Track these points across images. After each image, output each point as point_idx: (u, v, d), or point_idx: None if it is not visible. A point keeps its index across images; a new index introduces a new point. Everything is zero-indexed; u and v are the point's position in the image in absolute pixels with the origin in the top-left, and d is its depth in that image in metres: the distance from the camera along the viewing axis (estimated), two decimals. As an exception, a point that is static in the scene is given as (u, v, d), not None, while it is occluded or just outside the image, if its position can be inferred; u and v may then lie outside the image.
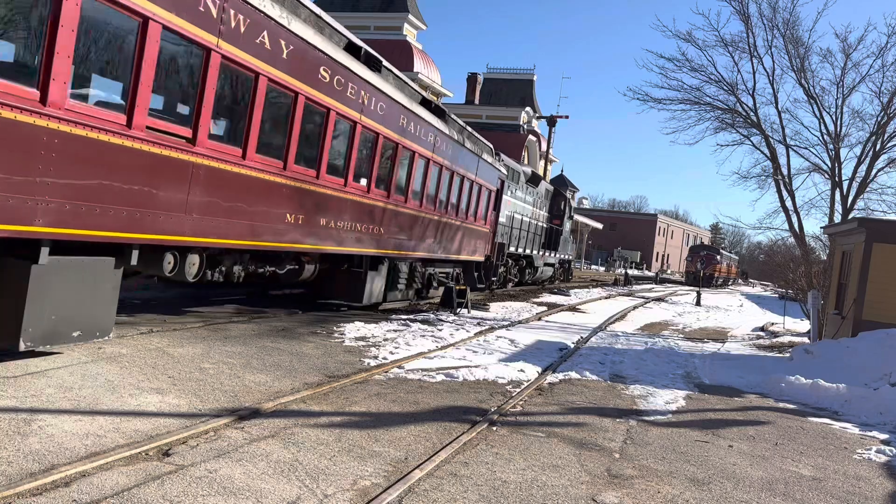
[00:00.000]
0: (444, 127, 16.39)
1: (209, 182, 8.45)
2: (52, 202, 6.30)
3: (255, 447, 5.50)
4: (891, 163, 22.90)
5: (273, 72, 9.24)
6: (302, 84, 10.04)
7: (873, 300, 15.79)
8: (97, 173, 6.77)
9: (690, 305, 35.81)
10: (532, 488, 5.46)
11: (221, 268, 9.91)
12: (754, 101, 23.19)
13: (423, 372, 9.33)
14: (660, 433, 7.82)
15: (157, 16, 7.07)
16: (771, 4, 22.67)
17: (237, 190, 9.09)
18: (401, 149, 14.01)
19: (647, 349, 15.27)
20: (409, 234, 15.40)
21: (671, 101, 23.99)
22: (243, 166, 9.09)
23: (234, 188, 9.04)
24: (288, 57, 9.50)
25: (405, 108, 13.89)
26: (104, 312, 7.30)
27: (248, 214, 9.38)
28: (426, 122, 15.18)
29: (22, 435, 5.02)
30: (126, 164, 7.09)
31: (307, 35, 9.86)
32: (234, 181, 8.99)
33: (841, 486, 6.71)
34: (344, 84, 11.28)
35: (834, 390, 11.14)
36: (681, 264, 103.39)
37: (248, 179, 9.27)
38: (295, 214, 10.64)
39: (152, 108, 7.45)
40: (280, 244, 10.45)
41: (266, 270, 11.20)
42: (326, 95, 10.76)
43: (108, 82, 7.35)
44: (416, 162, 15.04)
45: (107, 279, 7.31)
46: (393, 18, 45.62)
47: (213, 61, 8.09)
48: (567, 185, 51.99)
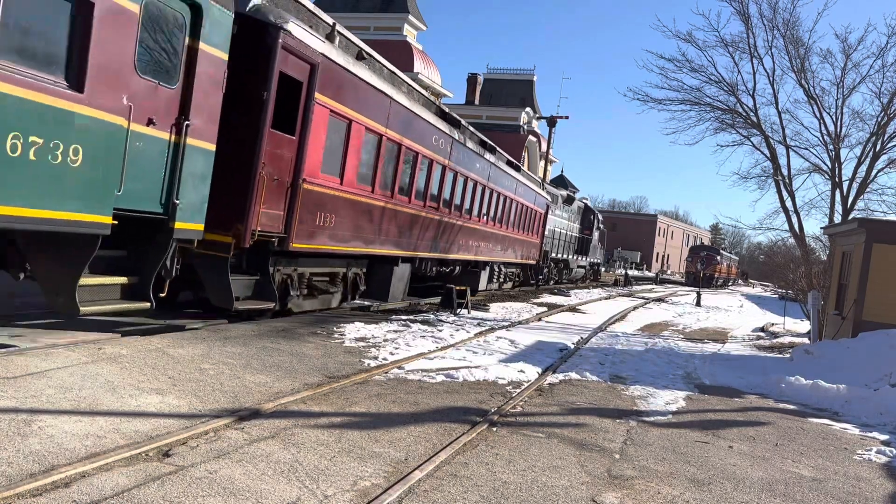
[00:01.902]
0: (518, 175, 24.95)
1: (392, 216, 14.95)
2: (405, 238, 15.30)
3: (255, 448, 5.50)
4: (891, 163, 22.94)
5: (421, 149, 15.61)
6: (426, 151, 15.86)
7: (873, 300, 15.79)
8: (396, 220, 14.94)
9: (690, 306, 35.81)
10: (532, 489, 5.46)
11: (433, 269, 18.43)
12: (754, 102, 23.23)
13: (424, 372, 9.33)
14: (660, 434, 7.82)
15: (357, 119, 12.15)
16: (771, 5, 22.72)
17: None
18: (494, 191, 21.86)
19: (648, 350, 15.27)
20: (499, 245, 23.62)
21: (671, 102, 24.06)
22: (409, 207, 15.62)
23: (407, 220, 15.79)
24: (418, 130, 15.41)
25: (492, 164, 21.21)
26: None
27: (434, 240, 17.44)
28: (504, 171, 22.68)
29: (22, 435, 5.02)
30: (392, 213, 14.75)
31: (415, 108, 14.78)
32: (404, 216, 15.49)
33: (841, 486, 6.71)
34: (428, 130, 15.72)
35: (834, 391, 11.14)
36: (681, 265, 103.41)
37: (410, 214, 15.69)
38: (466, 240, 19.68)
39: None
40: (448, 255, 18.45)
41: (442, 270, 19.26)
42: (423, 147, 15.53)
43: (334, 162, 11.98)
44: (501, 199, 22.95)
45: (406, 273, 16.15)
46: (393, 19, 45.67)
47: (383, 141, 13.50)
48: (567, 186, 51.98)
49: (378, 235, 13.71)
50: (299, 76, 10.10)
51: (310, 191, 10.87)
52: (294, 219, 10.56)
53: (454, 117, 17.95)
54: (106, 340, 8.40)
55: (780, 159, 23.40)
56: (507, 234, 24.52)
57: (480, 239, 21.16)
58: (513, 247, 25.72)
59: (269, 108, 9.50)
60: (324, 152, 11.19)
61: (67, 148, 6.53)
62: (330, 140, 11.31)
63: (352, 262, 13.83)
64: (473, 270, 22.08)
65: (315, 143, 10.75)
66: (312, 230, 11.24)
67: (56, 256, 7.18)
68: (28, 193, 6.21)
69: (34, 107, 6.09)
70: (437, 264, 18.36)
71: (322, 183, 11.31)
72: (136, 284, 8.03)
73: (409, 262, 15.91)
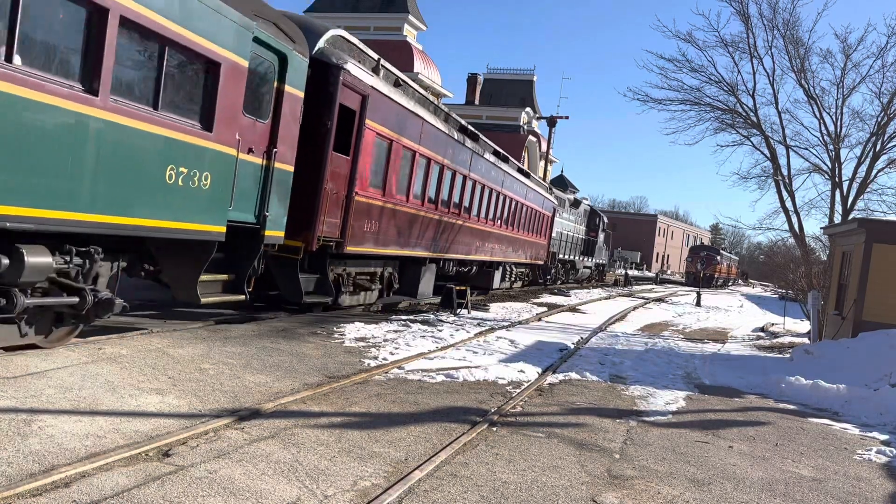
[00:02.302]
0: (527, 181, 26.64)
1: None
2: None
3: (255, 448, 5.50)
4: (891, 163, 22.94)
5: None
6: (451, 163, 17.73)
7: (873, 301, 15.79)
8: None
9: (690, 306, 35.82)
10: (532, 489, 5.46)
11: (454, 269, 20.14)
12: (754, 102, 23.23)
13: (424, 372, 9.33)
14: (660, 434, 7.82)
15: (396, 139, 13.74)
16: (771, 5, 22.72)
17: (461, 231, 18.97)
18: (501, 195, 22.86)
19: (648, 350, 15.27)
20: (510, 247, 25.13)
21: (671, 102, 24.06)
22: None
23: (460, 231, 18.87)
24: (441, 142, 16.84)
25: (506, 172, 23.00)
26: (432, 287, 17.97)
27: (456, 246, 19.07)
28: (514, 177, 24.24)
29: (22, 435, 5.02)
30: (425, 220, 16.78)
31: (441, 125, 16.45)
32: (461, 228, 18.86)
33: (841, 486, 6.71)
34: (451, 145, 17.28)
35: (834, 391, 11.14)
36: (681, 265, 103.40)
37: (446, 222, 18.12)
38: (482, 243, 21.56)
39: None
40: (468, 256, 20.31)
41: (463, 270, 21.17)
42: (448, 160, 17.15)
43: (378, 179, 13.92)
44: (511, 203, 24.31)
45: (433, 273, 17.85)
46: (393, 19, 45.65)
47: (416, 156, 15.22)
48: (567, 186, 52.03)
49: (410, 239, 15.52)
50: (354, 106, 11.90)
51: (360, 202, 12.62)
52: (348, 226, 12.31)
53: (473, 131, 19.61)
54: (105, 340, 8.40)
55: (780, 159, 23.42)
56: (518, 237, 26.18)
57: (495, 241, 22.96)
58: (523, 248, 27.37)
59: (332, 135, 11.29)
60: (370, 168, 12.98)
61: (201, 174, 8.42)
62: (375, 158, 13.13)
63: (387, 263, 15.51)
64: (488, 270, 24.09)
65: (364, 160, 12.52)
66: (361, 235, 12.99)
67: (183, 259, 8.84)
68: (176, 210, 8.10)
69: (183, 145, 8.02)
70: (457, 265, 20.31)
71: (369, 195, 13.08)
72: (234, 281, 9.77)
73: (434, 263, 17.81)
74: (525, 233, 27.24)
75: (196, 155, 8.27)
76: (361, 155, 12.30)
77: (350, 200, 12.24)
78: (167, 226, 8.02)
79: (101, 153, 6.99)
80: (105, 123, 6.96)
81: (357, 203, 12.47)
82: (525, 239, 27.40)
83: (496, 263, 24.48)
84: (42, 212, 6.43)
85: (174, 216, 8.07)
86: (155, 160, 7.70)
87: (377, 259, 14.80)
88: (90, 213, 6.99)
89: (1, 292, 6.62)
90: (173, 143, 7.86)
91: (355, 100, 11.86)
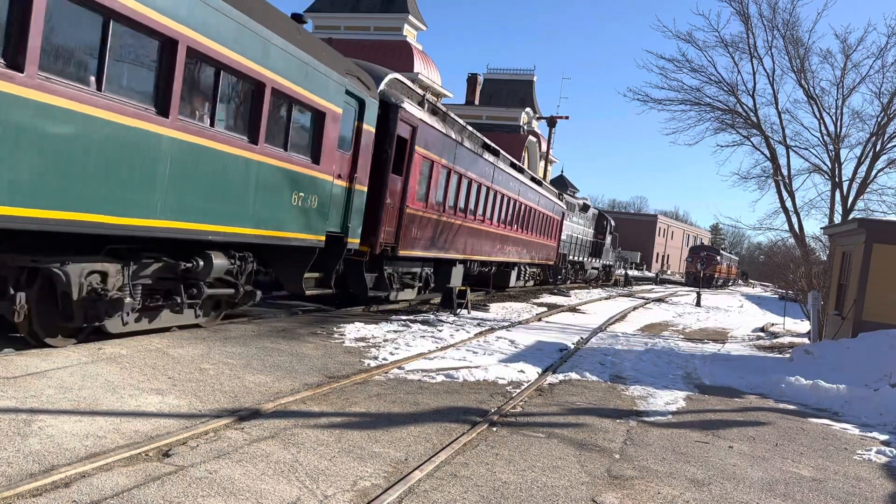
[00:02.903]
0: (539, 188, 29.07)
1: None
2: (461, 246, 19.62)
3: (255, 448, 5.50)
4: (891, 163, 22.95)
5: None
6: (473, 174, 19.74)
7: (873, 301, 15.78)
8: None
9: (690, 306, 35.82)
10: (532, 489, 5.46)
11: (477, 269, 22.39)
12: (754, 102, 23.25)
13: (423, 373, 9.33)
14: (660, 434, 7.82)
15: (436, 160, 16.27)
16: (771, 5, 22.74)
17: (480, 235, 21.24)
18: (518, 202, 25.24)
19: (648, 350, 15.27)
20: (525, 249, 27.42)
21: (671, 102, 24.07)
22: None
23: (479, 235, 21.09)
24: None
25: (521, 182, 25.51)
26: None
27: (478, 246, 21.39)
28: (528, 185, 26.57)
29: (22, 436, 5.02)
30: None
31: (469, 145, 18.99)
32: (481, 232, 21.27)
33: (841, 486, 6.71)
34: (478, 162, 19.82)
35: (834, 391, 11.13)
36: (681, 265, 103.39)
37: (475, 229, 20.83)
38: (501, 246, 24.11)
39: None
40: (489, 258, 22.72)
41: (484, 270, 23.47)
42: (475, 174, 19.63)
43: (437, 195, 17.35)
44: (525, 209, 26.52)
45: (461, 273, 19.84)
46: (393, 19, 45.62)
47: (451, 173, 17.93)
48: (567, 186, 52.13)
49: (444, 243, 18.09)
50: (406, 135, 14.45)
51: (409, 213, 15.14)
52: (401, 233, 14.80)
53: (494, 147, 22.26)
54: (105, 340, 8.40)
55: (780, 159, 23.43)
56: (531, 240, 28.59)
57: (511, 245, 25.38)
58: (535, 250, 29.83)
59: (391, 160, 13.80)
60: (417, 185, 15.47)
61: (311, 197, 11.16)
62: (421, 176, 15.69)
63: (426, 264, 18.04)
64: (505, 270, 26.72)
65: (413, 179, 15.06)
66: (410, 241, 15.48)
67: (292, 260, 11.52)
68: (298, 225, 10.91)
69: (302, 176, 10.84)
70: (480, 265, 22.91)
71: (416, 207, 15.59)
72: (324, 278, 12.46)
73: (462, 264, 20.31)
74: (537, 236, 29.50)
75: (309, 183, 11.06)
76: (411, 175, 14.87)
77: (402, 212, 14.77)
78: (293, 236, 10.86)
79: (258, 185, 9.72)
80: (260, 164, 9.68)
81: (408, 214, 15.04)
82: (537, 242, 29.72)
83: (512, 264, 26.99)
84: (229, 228, 9.26)
85: (297, 229, 10.93)
86: (287, 188, 10.51)
87: (419, 261, 17.35)
88: (252, 228, 9.75)
89: (193, 284, 9.28)
90: (297, 175, 10.71)
91: (407, 130, 14.42)
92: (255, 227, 9.79)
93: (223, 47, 8.55)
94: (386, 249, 14.43)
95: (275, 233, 10.33)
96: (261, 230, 9.94)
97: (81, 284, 7.64)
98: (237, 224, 9.38)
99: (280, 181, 10.27)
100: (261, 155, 9.62)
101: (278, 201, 10.30)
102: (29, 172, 6.37)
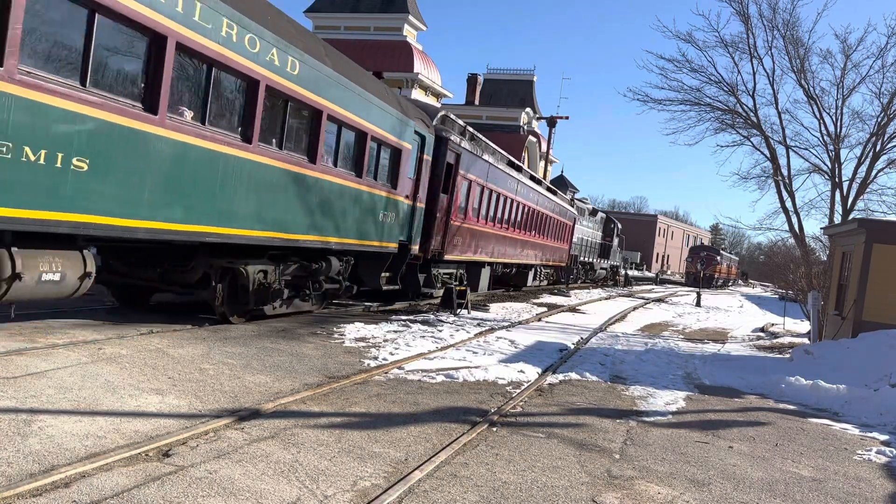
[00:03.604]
0: (554, 197, 32.64)
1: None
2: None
3: (255, 448, 5.50)
4: (891, 164, 22.92)
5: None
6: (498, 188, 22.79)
7: (873, 301, 15.78)
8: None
9: (690, 306, 35.81)
10: (532, 489, 5.46)
11: (501, 270, 25.75)
12: (754, 102, 23.22)
13: (423, 373, 9.33)
14: (660, 434, 7.82)
15: (473, 179, 19.23)
16: (771, 5, 22.71)
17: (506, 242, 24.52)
18: (535, 210, 28.37)
19: (648, 350, 15.27)
20: (541, 252, 30.47)
21: (671, 102, 24.03)
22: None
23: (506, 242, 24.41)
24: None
25: (538, 192, 28.75)
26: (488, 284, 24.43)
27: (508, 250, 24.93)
28: (543, 195, 29.83)
29: (22, 436, 5.02)
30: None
31: (498, 164, 22.40)
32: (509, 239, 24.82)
33: (841, 486, 6.71)
34: (504, 178, 23.00)
35: (834, 391, 11.13)
36: (681, 265, 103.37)
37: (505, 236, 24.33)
38: (521, 249, 26.86)
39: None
40: (511, 260, 25.76)
41: (506, 271, 26.80)
42: (502, 189, 22.89)
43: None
44: (542, 216, 29.68)
45: (489, 273, 23.91)
46: (393, 19, 45.58)
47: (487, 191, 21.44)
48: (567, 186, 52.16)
49: (477, 249, 21.18)
50: (452, 161, 17.64)
51: (453, 225, 18.45)
52: (446, 241, 18.05)
53: (517, 164, 25.89)
54: (105, 340, 8.40)
55: (780, 159, 23.40)
56: (547, 244, 31.73)
57: (530, 248, 28.48)
58: (550, 253, 32.90)
59: (441, 182, 17.06)
60: (458, 201, 18.59)
61: (391, 215, 14.56)
62: (462, 194, 18.82)
63: (460, 266, 21.02)
64: (524, 271, 29.80)
65: (456, 196, 18.25)
66: (452, 247, 18.69)
67: (374, 263, 14.92)
68: (381, 236, 14.20)
69: (386, 198, 14.24)
70: (503, 267, 26.18)
71: (457, 219, 18.77)
72: (392, 276, 15.70)
73: (489, 266, 23.61)
74: (552, 240, 32.73)
75: (390, 203, 14.53)
76: (455, 193, 18.04)
77: (448, 224, 18.03)
78: (379, 245, 14.30)
79: (361, 207, 13.33)
80: (361, 192, 13.28)
81: (452, 226, 18.29)
82: (552, 245, 32.94)
83: (530, 266, 30.12)
84: (343, 240, 12.77)
85: (381, 239, 14.32)
86: (377, 209, 13.94)
87: (455, 263, 20.42)
88: (355, 239, 13.21)
89: (315, 280, 12.70)
90: (383, 198, 14.18)
91: (453, 157, 17.61)
92: (357, 238, 13.33)
93: (347, 111, 12.15)
94: (434, 254, 17.43)
95: (368, 242, 13.84)
96: (360, 240, 13.48)
97: (255, 279, 10.81)
98: (348, 236, 12.96)
99: (374, 203, 13.77)
100: (363, 185, 13.28)
101: (371, 219, 13.79)
102: (257, 206, 10.11)
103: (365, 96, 12.74)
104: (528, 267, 29.70)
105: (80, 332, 8.73)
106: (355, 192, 12.91)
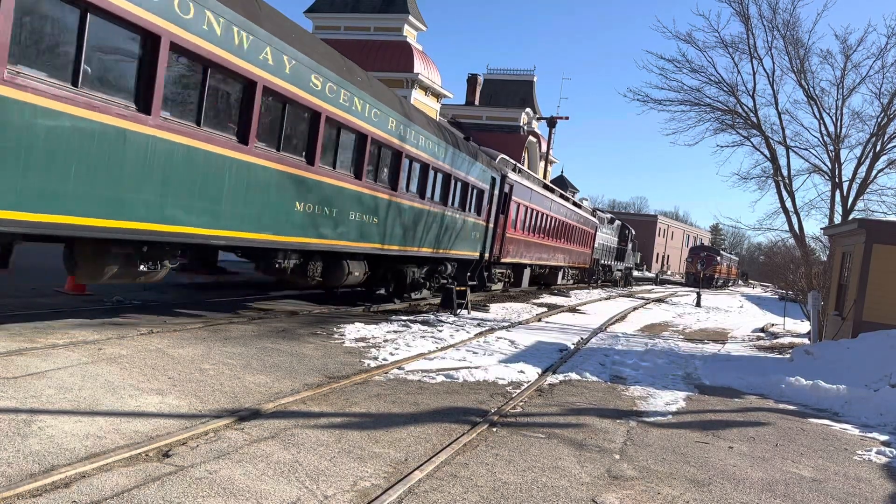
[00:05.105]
0: (580, 211, 38.74)
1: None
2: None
3: (256, 448, 5.50)
4: (891, 164, 22.91)
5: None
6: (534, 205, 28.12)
7: (873, 301, 15.78)
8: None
9: (690, 306, 35.81)
10: (532, 489, 5.46)
11: (538, 270, 31.93)
12: (754, 103, 23.22)
13: (423, 373, 9.33)
14: (660, 434, 7.82)
15: (520, 202, 25.63)
16: (771, 6, 22.73)
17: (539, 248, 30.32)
18: (564, 222, 33.69)
19: (648, 350, 15.26)
20: (568, 255, 35.92)
21: (671, 102, 24.03)
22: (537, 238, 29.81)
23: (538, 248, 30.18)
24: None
25: (566, 206, 34.22)
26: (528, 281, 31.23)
27: (540, 253, 30.51)
28: (570, 208, 35.32)
29: (22, 436, 5.02)
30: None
31: (538, 188, 28.57)
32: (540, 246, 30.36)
33: (841, 487, 6.71)
34: (540, 198, 28.49)
35: (834, 391, 11.13)
36: (681, 265, 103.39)
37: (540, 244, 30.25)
38: (553, 254, 32.60)
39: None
40: (546, 262, 31.50)
41: (541, 271, 32.42)
42: (539, 206, 28.46)
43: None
44: (569, 226, 35.13)
45: (529, 273, 30.54)
46: (393, 19, 45.55)
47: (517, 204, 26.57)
48: (567, 186, 52.55)
49: (521, 254, 26.45)
50: (507, 191, 23.21)
51: (507, 237, 23.84)
52: (502, 249, 23.52)
53: (550, 185, 33.26)
54: (105, 341, 8.40)
55: (780, 160, 23.40)
56: (573, 249, 37.10)
57: (560, 252, 33.78)
58: (576, 256, 38.23)
59: (501, 206, 22.69)
60: (511, 218, 24.00)
61: (477, 233, 20.78)
62: (513, 213, 24.20)
63: (508, 266, 26.25)
64: (555, 271, 34.81)
65: (510, 215, 23.74)
66: (506, 253, 24.07)
67: (462, 266, 20.88)
68: (469, 247, 20.24)
69: (475, 223, 20.52)
70: (539, 268, 31.45)
71: (510, 232, 24.20)
72: (472, 275, 21.00)
73: (529, 267, 29.18)
74: (577, 245, 38.18)
75: (478, 226, 20.50)
76: (509, 213, 23.56)
77: (504, 237, 23.43)
78: (471, 254, 20.39)
79: (465, 229, 19.51)
80: (466, 220, 19.48)
81: (506, 237, 23.65)
82: (577, 250, 38.35)
83: (559, 267, 35.29)
84: (455, 252, 19.02)
85: (471, 251, 20.30)
86: (472, 230, 20.01)
87: (507, 265, 25.77)
88: (459, 251, 19.28)
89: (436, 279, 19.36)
90: (474, 223, 20.17)
91: (508, 188, 23.26)
92: (461, 250, 19.37)
93: (460, 171, 18.38)
94: (494, 258, 22.78)
95: (466, 253, 19.89)
96: (462, 251, 19.59)
97: (411, 276, 17.16)
98: (457, 249, 19.02)
99: (471, 227, 19.95)
100: (469, 217, 19.74)
101: (470, 237, 19.98)
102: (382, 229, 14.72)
103: (470, 161, 19.15)
104: (558, 268, 35.16)
105: (80, 332, 8.74)
106: (462, 220, 19.16)
